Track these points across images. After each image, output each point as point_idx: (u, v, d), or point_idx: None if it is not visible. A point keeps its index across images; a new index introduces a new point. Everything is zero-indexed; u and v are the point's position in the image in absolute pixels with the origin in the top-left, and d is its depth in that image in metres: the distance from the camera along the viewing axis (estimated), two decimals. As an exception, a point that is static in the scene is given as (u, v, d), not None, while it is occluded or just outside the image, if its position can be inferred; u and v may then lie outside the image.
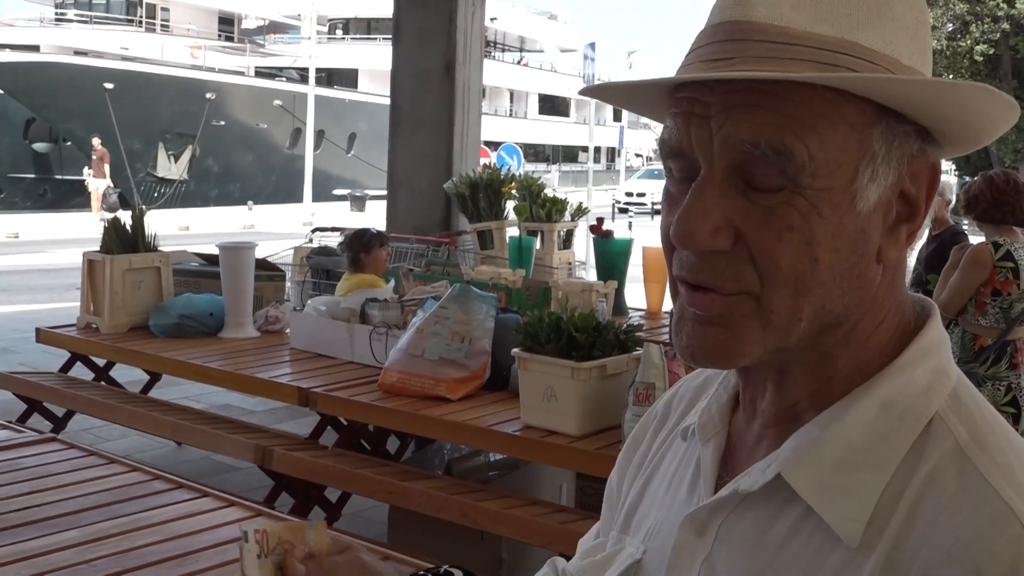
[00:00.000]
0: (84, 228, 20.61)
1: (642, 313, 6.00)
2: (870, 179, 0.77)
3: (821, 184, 0.75)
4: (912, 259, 4.72)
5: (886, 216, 0.79)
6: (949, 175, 53.13)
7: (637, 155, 59.27)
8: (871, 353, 0.81)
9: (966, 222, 4.96)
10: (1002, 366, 4.60)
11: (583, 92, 0.92)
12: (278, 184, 37.44)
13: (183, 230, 23.00)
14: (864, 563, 0.74)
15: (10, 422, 3.72)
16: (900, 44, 0.77)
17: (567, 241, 7.29)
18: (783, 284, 0.76)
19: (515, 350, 3.59)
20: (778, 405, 0.84)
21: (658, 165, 31.53)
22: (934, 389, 0.79)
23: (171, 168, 35.19)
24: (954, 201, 6.95)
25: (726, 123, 0.75)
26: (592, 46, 18.83)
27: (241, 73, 39.79)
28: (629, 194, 34.88)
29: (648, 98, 0.85)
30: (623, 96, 0.89)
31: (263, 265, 5.81)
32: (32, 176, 34.47)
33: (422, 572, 0.84)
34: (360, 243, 5.55)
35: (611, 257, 5.98)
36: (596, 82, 0.98)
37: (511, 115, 50.38)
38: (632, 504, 0.98)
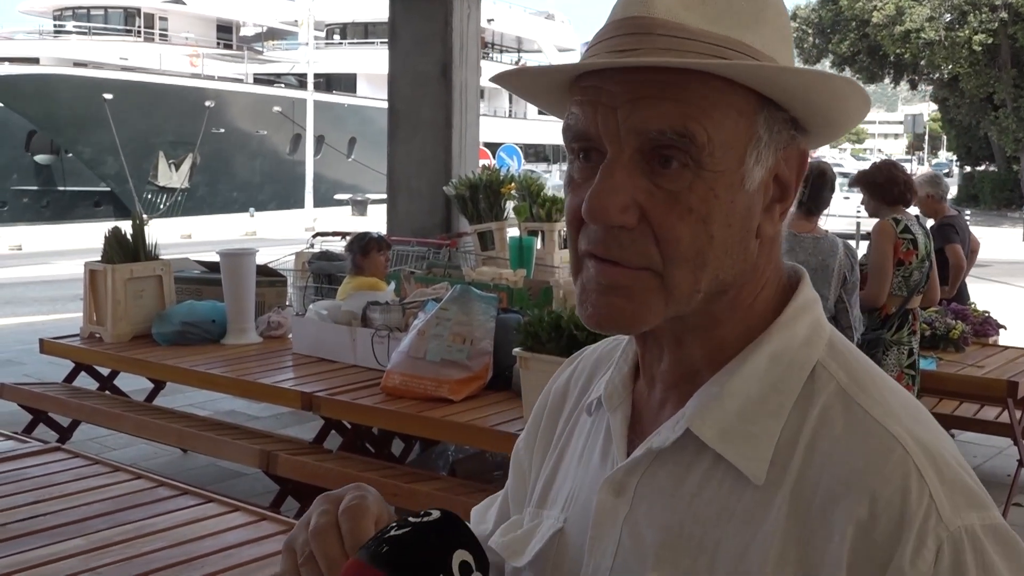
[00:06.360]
0: (87, 239, 20.65)
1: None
2: (755, 161, 0.86)
3: (718, 166, 0.84)
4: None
5: (765, 196, 0.89)
6: (951, 166, 52.94)
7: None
8: (757, 315, 0.91)
9: (968, 212, 5.05)
10: (904, 332, 4.83)
11: (494, 79, 0.99)
12: (279, 190, 37.46)
13: (185, 238, 23.05)
14: (773, 498, 0.83)
15: (15, 432, 3.74)
16: (776, 47, 0.87)
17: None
18: (683, 261, 0.84)
19: (516, 350, 3.59)
20: (677, 369, 0.93)
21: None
22: (813, 341, 0.90)
23: (172, 177, 35.24)
24: (951, 192, 6.99)
25: (633, 113, 0.83)
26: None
27: (240, 80, 39.82)
28: None
29: (547, 90, 0.93)
30: (526, 88, 0.97)
31: (264, 271, 5.82)
32: (35, 188, 34.53)
33: (406, 519, 0.90)
34: (358, 246, 5.59)
35: (611, 255, 5.97)
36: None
37: (510, 116, 50.37)
38: (547, 480, 1.05)
